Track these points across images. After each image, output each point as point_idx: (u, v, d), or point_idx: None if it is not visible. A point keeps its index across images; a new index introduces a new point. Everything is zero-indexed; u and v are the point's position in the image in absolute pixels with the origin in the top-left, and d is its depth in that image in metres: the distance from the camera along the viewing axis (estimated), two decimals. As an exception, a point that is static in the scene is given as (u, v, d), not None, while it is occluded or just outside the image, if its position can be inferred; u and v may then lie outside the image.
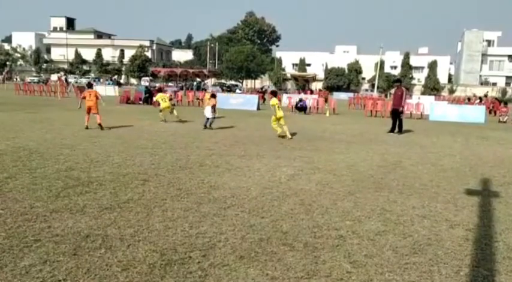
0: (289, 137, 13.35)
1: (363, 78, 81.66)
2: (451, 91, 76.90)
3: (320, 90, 59.94)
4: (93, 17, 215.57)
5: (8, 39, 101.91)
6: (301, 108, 26.12)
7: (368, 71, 79.01)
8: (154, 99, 20.73)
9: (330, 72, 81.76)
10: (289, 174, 8.04)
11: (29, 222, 4.90)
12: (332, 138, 13.98)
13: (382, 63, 72.97)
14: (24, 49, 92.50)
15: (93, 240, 4.45)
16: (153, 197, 6.15)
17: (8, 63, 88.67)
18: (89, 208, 5.52)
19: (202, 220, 5.24)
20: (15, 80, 72.59)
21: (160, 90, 21.93)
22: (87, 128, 13.62)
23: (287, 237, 4.79)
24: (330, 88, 75.01)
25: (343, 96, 53.48)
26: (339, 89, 73.88)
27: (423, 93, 71.84)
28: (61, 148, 9.75)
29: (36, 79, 70.22)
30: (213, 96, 16.99)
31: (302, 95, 33.77)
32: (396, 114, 16.18)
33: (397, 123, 16.10)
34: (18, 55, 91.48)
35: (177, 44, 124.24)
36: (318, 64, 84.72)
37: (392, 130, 16.08)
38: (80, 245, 4.33)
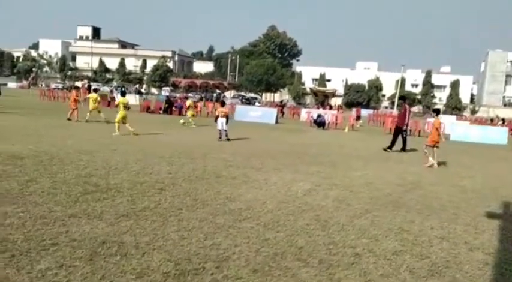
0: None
1: (383, 96, 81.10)
2: (473, 111, 75.73)
3: (340, 106, 59.71)
4: (118, 27, 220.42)
5: (35, 46, 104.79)
6: (320, 123, 26.04)
7: (388, 88, 78.50)
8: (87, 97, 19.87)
9: (349, 88, 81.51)
10: (306, 189, 7.99)
11: (47, 226, 4.97)
12: (350, 155, 13.87)
13: (403, 80, 72.46)
14: (50, 56, 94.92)
15: (109, 247, 4.48)
16: (169, 206, 6.18)
17: (34, 69, 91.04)
18: (106, 214, 5.57)
19: (217, 231, 5.24)
20: (40, 85, 74.35)
21: (95, 90, 21.23)
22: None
23: (302, 253, 4.74)
24: (349, 104, 74.67)
25: (363, 112, 53.05)
26: (358, 105, 73.45)
27: (444, 112, 70.93)
28: (81, 154, 9.91)
29: (60, 86, 71.82)
30: (223, 104, 16.91)
31: (321, 110, 33.72)
32: (399, 132, 15.85)
33: (402, 141, 15.65)
34: (44, 62, 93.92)
35: (199, 56, 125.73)
36: (337, 80, 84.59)
37: (390, 147, 15.44)
38: (96, 250, 4.36)
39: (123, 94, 16.61)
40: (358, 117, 32.38)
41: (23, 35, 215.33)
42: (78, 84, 60.00)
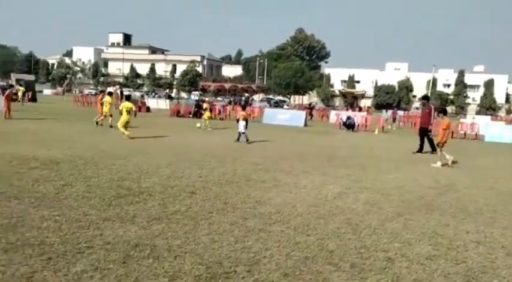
0: None
1: (414, 96, 79.52)
2: (509, 111, 73.17)
3: (369, 107, 58.90)
4: (149, 33, 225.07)
5: (69, 54, 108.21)
6: (349, 125, 25.76)
7: (419, 89, 76.92)
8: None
9: (379, 90, 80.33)
10: (336, 193, 7.92)
11: (82, 229, 5.11)
12: (380, 157, 13.66)
13: (434, 81, 70.82)
14: (83, 63, 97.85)
15: (141, 250, 4.56)
16: (200, 210, 6.24)
17: (68, 76, 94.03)
18: (139, 218, 5.68)
19: (248, 235, 5.25)
20: (74, 92, 76.68)
21: (128, 98, 18.04)
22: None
23: (333, 257, 4.69)
24: (379, 106, 73.61)
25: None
26: (388, 106, 72.28)
27: (478, 112, 68.85)
28: (114, 158, 10.14)
29: (93, 92, 73.86)
30: (244, 107, 17.13)
31: (350, 112, 33.35)
32: (424, 133, 15.41)
33: (428, 142, 15.22)
34: (78, 68, 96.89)
35: (227, 60, 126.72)
36: (367, 81, 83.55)
37: (420, 150, 15.06)
38: (129, 253, 4.45)
39: (127, 99, 16.57)
40: (394, 119, 31.87)
41: (58, 43, 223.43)
42: (111, 89, 61.48)
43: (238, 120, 16.13)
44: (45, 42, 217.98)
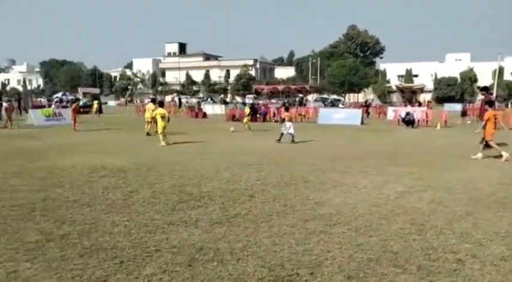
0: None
1: (478, 88, 75.24)
2: None
3: (429, 101, 56.50)
4: (202, 40, 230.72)
5: (129, 66, 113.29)
6: (408, 121, 24.87)
7: (484, 80, 72.54)
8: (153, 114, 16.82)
9: (439, 83, 76.92)
10: (398, 192, 7.69)
11: (150, 234, 5.35)
12: (444, 153, 13.07)
13: (501, 70, 66.61)
14: (143, 74, 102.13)
15: (205, 253, 4.70)
16: (260, 213, 6.31)
17: (129, 87, 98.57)
18: (201, 222, 5.85)
19: (309, 237, 5.24)
20: (135, 102, 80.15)
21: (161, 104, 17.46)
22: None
23: (398, 259, 4.57)
24: (440, 99, 70.45)
25: (455, 107, 49.61)
26: (450, 100, 68.98)
27: (553, 101, 63.80)
28: (174, 165, 10.50)
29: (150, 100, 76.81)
30: (287, 109, 17.33)
31: (409, 108, 32.17)
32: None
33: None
34: (138, 79, 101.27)
35: (279, 62, 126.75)
36: (426, 74, 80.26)
37: (487, 145, 14.14)
38: (194, 257, 4.60)
39: (160, 105, 16.79)
40: (464, 113, 30.21)
41: (119, 57, 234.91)
42: (168, 98, 63.50)
43: (283, 121, 16.41)
44: (108, 57, 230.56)
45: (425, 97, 64.31)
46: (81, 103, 43.78)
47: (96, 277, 4.10)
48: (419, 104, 40.99)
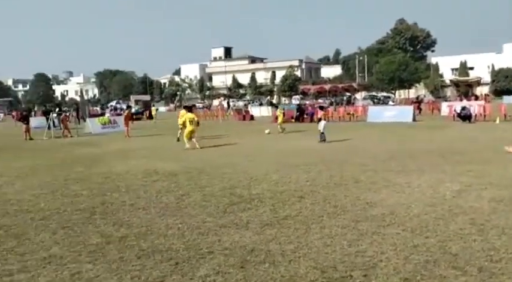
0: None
1: (542, 78, 70.60)
2: None
3: (487, 95, 53.75)
4: (247, 43, 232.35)
5: (178, 72, 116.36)
6: (465, 116, 23.76)
7: (548, 69, 68.06)
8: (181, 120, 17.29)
9: (497, 75, 72.97)
10: (455, 191, 7.37)
11: (202, 236, 5.46)
12: (504, 149, 12.36)
13: None
14: (190, 79, 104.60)
15: (257, 255, 4.73)
16: (310, 214, 6.27)
17: (178, 93, 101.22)
18: (252, 224, 5.90)
19: (361, 238, 5.14)
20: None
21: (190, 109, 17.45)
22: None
23: (457, 260, 4.38)
24: (499, 92, 66.78)
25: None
26: (509, 92, 65.17)
27: None
28: (224, 167, 10.65)
29: (201, 105, 78.40)
30: (321, 108, 17.19)
31: (465, 102, 30.74)
32: None
33: None
34: (186, 85, 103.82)
35: (325, 61, 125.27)
36: (482, 66, 76.43)
37: None
38: (246, 258, 4.64)
39: (189, 110, 16.83)
40: None
41: (167, 64, 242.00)
42: (216, 102, 64.54)
43: (319, 120, 16.58)
44: (157, 65, 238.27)
45: (482, 90, 61.22)
46: (133, 110, 45.65)
47: (153, 278, 4.24)
48: (476, 98, 39.09)
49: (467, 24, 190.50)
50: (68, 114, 30.54)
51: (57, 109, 30.81)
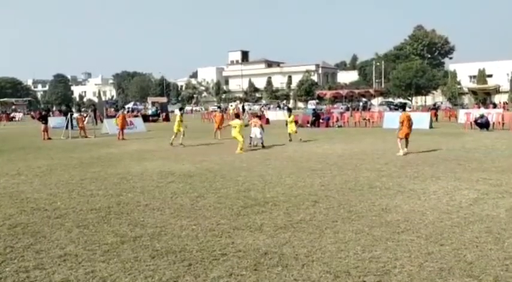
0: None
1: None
2: None
3: (505, 103, 52.87)
4: (264, 47, 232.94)
5: (195, 75, 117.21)
6: (482, 124, 23.41)
7: None
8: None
9: (517, 82, 71.58)
10: (472, 198, 7.27)
11: (216, 237, 5.49)
12: (524, 158, 12.15)
13: None
14: (207, 82, 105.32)
15: (270, 258, 4.74)
16: (324, 218, 6.26)
17: (195, 95, 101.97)
18: (266, 227, 5.91)
19: (375, 244, 5.11)
20: (200, 110, 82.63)
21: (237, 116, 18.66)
22: None
23: (472, 269, 4.33)
24: (519, 100, 65.47)
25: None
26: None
27: None
28: (239, 170, 10.69)
29: (217, 108, 78.81)
30: (257, 116, 17.77)
31: (483, 110, 30.28)
32: None
33: None
34: (203, 88, 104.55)
35: (342, 66, 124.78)
36: (501, 74, 75.15)
37: None
38: (259, 261, 4.66)
39: (237, 116, 18.22)
40: None
41: (185, 67, 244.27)
42: (232, 105, 64.78)
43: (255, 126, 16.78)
44: (174, 67, 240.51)
45: (500, 98, 60.24)
46: (149, 112, 46.05)
47: (167, 278, 4.28)
48: (494, 106, 38.50)
49: (486, 31, 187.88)
50: (85, 115, 30.92)
51: (67, 109, 31.28)
